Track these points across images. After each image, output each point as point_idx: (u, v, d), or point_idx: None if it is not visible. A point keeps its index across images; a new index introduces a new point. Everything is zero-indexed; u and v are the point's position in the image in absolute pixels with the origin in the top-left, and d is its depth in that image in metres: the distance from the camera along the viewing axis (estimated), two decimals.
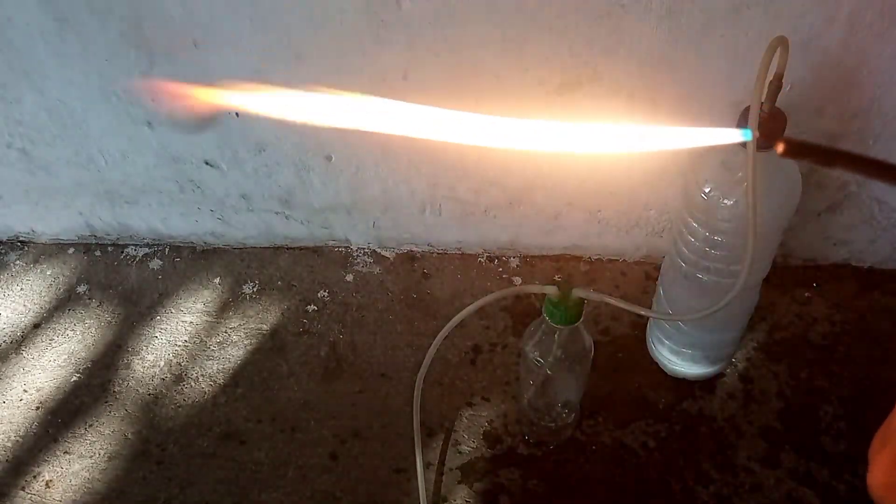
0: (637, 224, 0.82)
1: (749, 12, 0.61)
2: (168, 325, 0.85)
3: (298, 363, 0.81)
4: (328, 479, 0.73)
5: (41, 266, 0.91)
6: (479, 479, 0.72)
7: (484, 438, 0.75)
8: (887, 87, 0.66)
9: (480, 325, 0.82)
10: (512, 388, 0.78)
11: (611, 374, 0.78)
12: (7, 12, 0.68)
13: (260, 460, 0.74)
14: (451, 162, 0.77)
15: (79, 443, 0.77)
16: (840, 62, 0.64)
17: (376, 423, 0.76)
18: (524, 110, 0.71)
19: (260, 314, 0.85)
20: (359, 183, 0.81)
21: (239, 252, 0.91)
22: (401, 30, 0.65)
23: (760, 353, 0.79)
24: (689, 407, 0.76)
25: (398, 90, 0.70)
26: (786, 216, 0.62)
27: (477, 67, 0.68)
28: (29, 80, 0.73)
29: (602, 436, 0.74)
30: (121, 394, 0.80)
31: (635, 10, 0.62)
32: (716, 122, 0.70)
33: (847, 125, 0.69)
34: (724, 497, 0.70)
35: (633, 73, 0.67)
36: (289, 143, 0.77)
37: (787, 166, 0.60)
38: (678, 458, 0.73)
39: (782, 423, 0.74)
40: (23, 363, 0.83)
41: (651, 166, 0.75)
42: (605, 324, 0.82)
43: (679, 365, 0.76)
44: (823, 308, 0.82)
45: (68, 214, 0.89)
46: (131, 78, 0.72)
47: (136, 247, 0.92)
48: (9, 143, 0.80)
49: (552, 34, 0.64)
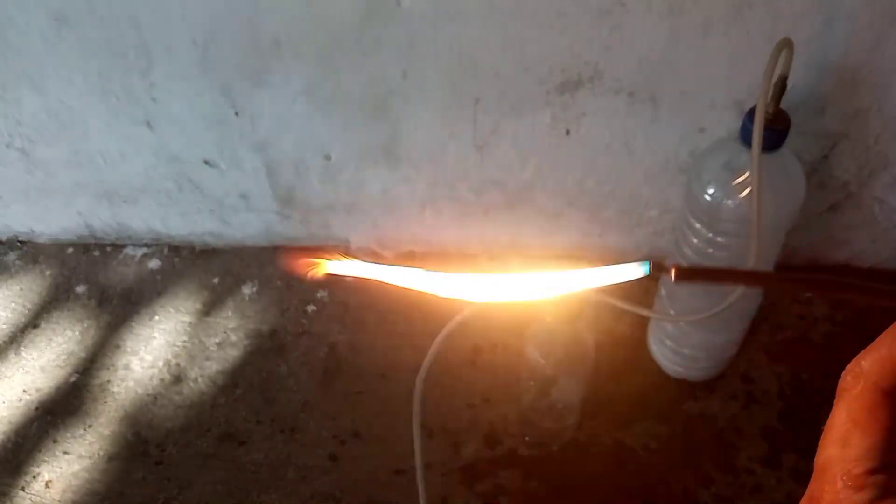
0: (638, 224, 0.82)
1: (749, 12, 0.61)
2: (167, 325, 0.85)
3: (298, 363, 0.81)
4: (328, 479, 0.73)
5: (40, 266, 0.91)
6: (479, 480, 0.72)
7: (484, 439, 0.75)
8: (887, 87, 0.66)
9: (480, 326, 0.82)
10: (513, 389, 0.78)
11: (612, 375, 0.78)
12: (7, 12, 0.68)
13: (259, 461, 0.74)
14: (451, 162, 0.77)
15: (78, 443, 0.77)
16: (840, 62, 0.64)
17: (376, 423, 0.76)
18: (524, 110, 0.71)
19: (259, 314, 0.85)
20: (359, 183, 0.81)
21: (238, 252, 0.91)
22: (401, 29, 0.65)
23: (762, 353, 0.79)
24: (690, 408, 0.76)
25: (398, 90, 0.70)
26: (789, 217, 0.62)
27: (477, 67, 0.68)
28: (29, 80, 0.73)
29: (603, 437, 0.74)
30: (120, 394, 0.80)
31: (636, 9, 0.62)
32: (716, 122, 0.70)
33: (847, 125, 0.69)
34: (726, 498, 0.70)
35: (633, 72, 0.67)
36: (288, 142, 0.77)
37: (791, 168, 0.60)
38: (679, 459, 0.73)
39: (783, 424, 0.74)
40: (22, 363, 0.83)
41: (653, 165, 0.75)
42: (606, 324, 0.82)
43: (680, 365, 0.76)
44: (825, 308, 0.82)
45: (67, 214, 0.89)
46: (131, 78, 0.72)
47: (135, 247, 0.92)
48: (8, 143, 0.80)
49: (552, 33, 0.64)
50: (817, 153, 0.72)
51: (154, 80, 0.72)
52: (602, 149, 0.74)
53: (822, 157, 0.72)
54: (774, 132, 0.55)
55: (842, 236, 0.81)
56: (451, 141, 0.75)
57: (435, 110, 0.72)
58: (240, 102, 0.73)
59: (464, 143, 0.75)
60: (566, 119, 0.71)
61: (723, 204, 0.60)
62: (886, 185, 0.74)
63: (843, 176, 0.74)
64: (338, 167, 0.79)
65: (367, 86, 0.70)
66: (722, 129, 0.70)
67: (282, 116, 0.74)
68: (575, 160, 0.75)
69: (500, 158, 0.76)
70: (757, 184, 0.54)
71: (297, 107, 0.73)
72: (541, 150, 0.75)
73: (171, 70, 0.71)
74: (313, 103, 0.72)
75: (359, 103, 0.72)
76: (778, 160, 0.57)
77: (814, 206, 0.78)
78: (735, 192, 0.59)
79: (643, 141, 0.73)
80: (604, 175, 0.77)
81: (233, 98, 0.73)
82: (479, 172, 0.78)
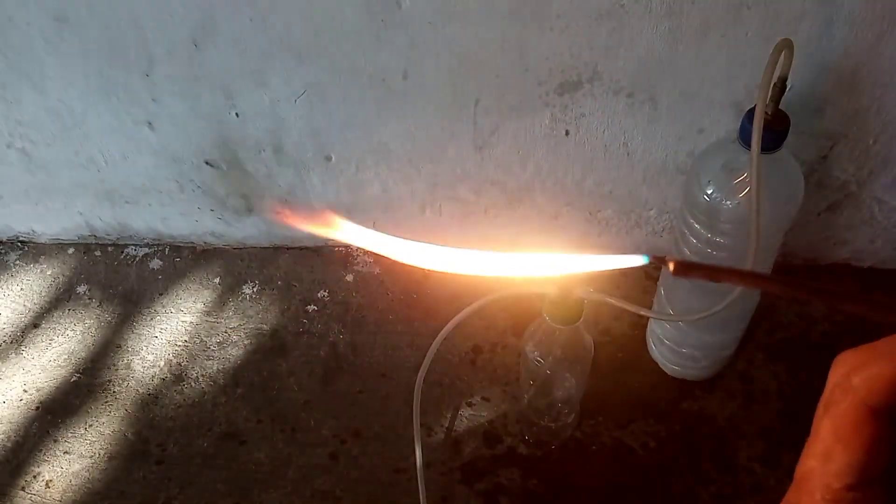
0: (637, 224, 0.82)
1: (749, 13, 0.61)
2: (168, 324, 0.85)
3: (298, 363, 0.81)
4: (328, 479, 0.73)
5: (41, 266, 0.91)
6: (479, 479, 0.72)
7: (484, 438, 0.75)
8: (887, 87, 0.66)
9: (480, 326, 0.82)
10: (512, 388, 0.78)
11: (611, 375, 0.78)
12: (7, 12, 0.68)
13: (260, 460, 0.74)
14: (451, 162, 0.77)
15: (79, 443, 0.77)
16: (840, 62, 0.64)
17: (376, 423, 0.76)
18: (524, 111, 0.71)
19: (260, 314, 0.85)
20: (359, 183, 0.81)
21: (239, 252, 0.91)
22: (401, 30, 0.65)
23: (761, 353, 0.79)
24: (689, 407, 0.76)
25: (398, 90, 0.70)
26: (788, 218, 0.62)
27: (477, 67, 0.68)
28: (29, 80, 0.73)
29: (602, 436, 0.74)
30: (121, 394, 0.80)
31: (635, 10, 0.62)
32: (715, 122, 0.70)
33: (846, 125, 0.69)
34: (725, 497, 0.70)
35: (632, 72, 0.67)
36: (289, 142, 0.77)
37: (790, 168, 0.60)
38: (678, 458, 0.73)
39: (782, 423, 0.74)
40: (23, 363, 0.83)
41: (651, 165, 0.75)
42: (605, 324, 0.82)
43: (679, 365, 0.76)
44: (823, 308, 0.82)
45: (68, 214, 0.89)
46: (132, 78, 0.72)
47: (136, 247, 0.92)
48: (9, 143, 0.80)
49: (552, 34, 0.64)
50: (816, 153, 0.72)
51: (155, 81, 0.72)
52: (601, 149, 0.74)
53: (821, 158, 0.73)
54: (774, 133, 0.56)
55: (841, 236, 0.81)
56: (451, 141, 0.75)
57: (435, 111, 0.72)
58: (240, 103, 0.73)
59: (464, 144, 0.75)
60: (565, 120, 0.71)
61: (721, 204, 0.60)
62: (885, 185, 0.75)
63: (842, 176, 0.74)
64: (338, 167, 0.79)
65: (367, 86, 0.70)
66: (720, 130, 0.70)
67: (282, 117, 0.74)
68: (574, 161, 0.75)
69: (500, 159, 0.76)
70: (756, 184, 0.54)
71: (298, 107, 0.73)
72: (540, 150, 0.75)
73: (172, 70, 0.71)
74: (313, 104, 0.73)
75: (359, 104, 0.72)
76: (777, 160, 0.58)
77: (813, 207, 0.78)
78: (734, 193, 0.59)
79: (642, 141, 0.73)
80: (603, 175, 0.77)
81: (233, 98, 0.73)
82: (478, 173, 0.78)
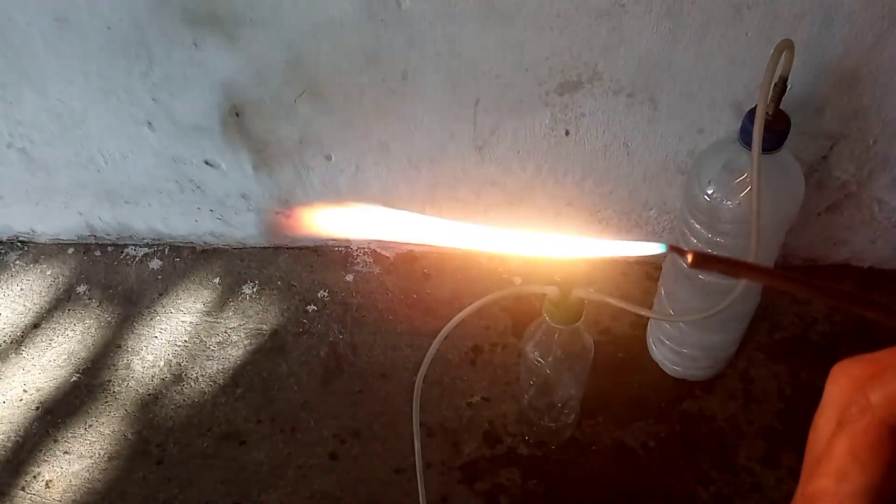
0: (637, 224, 0.82)
1: (749, 12, 0.61)
2: (168, 325, 0.85)
3: (298, 363, 0.81)
4: (328, 479, 0.73)
5: (41, 266, 0.91)
6: (479, 479, 0.72)
7: (484, 438, 0.75)
8: (887, 87, 0.66)
9: (480, 325, 0.82)
10: (512, 388, 0.78)
11: (611, 375, 0.78)
12: (7, 12, 0.68)
13: (260, 460, 0.74)
14: (451, 162, 0.77)
15: (79, 443, 0.77)
16: (840, 62, 0.64)
17: (376, 423, 0.76)
18: (523, 111, 0.71)
19: (260, 314, 0.85)
20: (359, 183, 0.81)
21: (239, 252, 0.91)
22: (401, 30, 0.65)
23: (761, 353, 0.79)
24: (689, 407, 0.76)
25: (398, 90, 0.70)
26: (788, 218, 0.62)
27: (477, 68, 0.68)
28: (29, 80, 0.73)
29: (602, 436, 0.74)
30: (121, 394, 0.80)
31: (635, 10, 0.62)
32: (715, 122, 0.70)
33: (846, 125, 0.69)
34: (725, 497, 0.70)
35: (632, 72, 0.67)
36: (289, 143, 0.77)
37: (791, 169, 0.60)
38: (678, 458, 0.73)
39: (782, 423, 0.74)
40: (23, 363, 0.83)
41: (651, 165, 0.75)
42: (605, 324, 0.82)
43: (679, 365, 0.76)
44: (823, 308, 0.82)
45: (68, 214, 0.89)
46: (132, 78, 0.72)
47: (136, 247, 0.92)
48: (9, 143, 0.80)
49: (552, 34, 0.64)
50: (816, 153, 0.72)
51: (155, 81, 0.72)
52: (601, 149, 0.74)
53: (822, 158, 0.73)
54: (774, 133, 0.56)
55: (841, 236, 0.81)
56: (451, 141, 0.75)
57: (435, 111, 0.72)
58: (241, 103, 0.73)
59: (464, 144, 0.75)
60: (565, 120, 0.71)
61: (722, 204, 0.60)
62: (885, 185, 0.74)
63: (842, 176, 0.74)
64: (338, 167, 0.79)
65: (367, 86, 0.70)
66: (721, 130, 0.70)
67: (282, 117, 0.74)
68: (574, 161, 0.75)
69: (500, 159, 0.76)
70: (756, 184, 0.54)
71: (298, 107, 0.73)
72: (540, 150, 0.75)
73: (171, 70, 0.71)
74: (313, 104, 0.73)
75: (359, 103, 0.72)
76: (777, 160, 0.58)
77: (813, 206, 0.78)
78: (734, 193, 0.59)
79: (642, 141, 0.73)
80: (603, 175, 0.77)
81: (233, 99, 0.73)
82: (478, 173, 0.78)
